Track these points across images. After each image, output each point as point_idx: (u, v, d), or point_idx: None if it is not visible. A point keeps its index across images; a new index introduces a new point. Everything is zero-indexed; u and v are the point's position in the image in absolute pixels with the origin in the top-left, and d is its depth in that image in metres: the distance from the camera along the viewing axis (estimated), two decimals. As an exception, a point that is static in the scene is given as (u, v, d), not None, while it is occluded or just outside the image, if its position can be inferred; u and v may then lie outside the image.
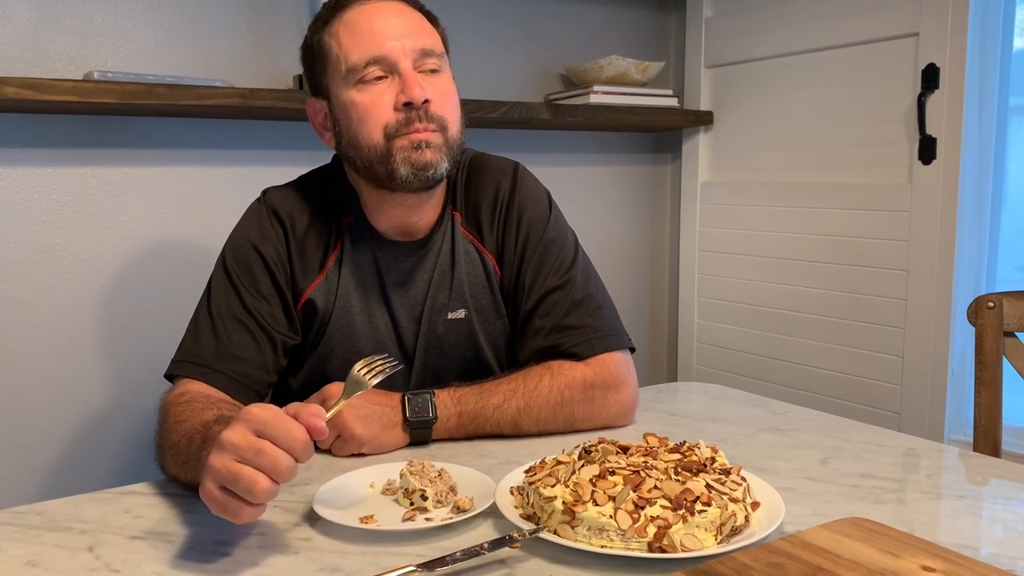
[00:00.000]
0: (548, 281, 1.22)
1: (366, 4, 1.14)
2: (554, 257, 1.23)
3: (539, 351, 1.21)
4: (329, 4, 1.18)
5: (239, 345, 1.13)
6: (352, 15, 1.14)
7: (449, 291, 1.23)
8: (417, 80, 1.11)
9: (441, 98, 1.14)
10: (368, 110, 1.12)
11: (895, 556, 0.70)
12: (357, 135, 1.13)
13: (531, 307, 1.22)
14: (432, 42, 1.15)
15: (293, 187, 1.25)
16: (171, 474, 0.98)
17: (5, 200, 1.76)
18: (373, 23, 1.12)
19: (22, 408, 1.81)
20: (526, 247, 1.24)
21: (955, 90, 1.89)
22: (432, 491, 0.88)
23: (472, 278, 1.24)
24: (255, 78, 1.98)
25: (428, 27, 1.17)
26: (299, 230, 1.20)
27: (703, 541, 0.77)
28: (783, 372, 2.34)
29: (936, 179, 1.94)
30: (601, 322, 1.22)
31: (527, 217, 1.25)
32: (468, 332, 1.24)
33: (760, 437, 1.16)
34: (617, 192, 2.62)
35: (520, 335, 1.24)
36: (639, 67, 2.30)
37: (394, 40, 1.11)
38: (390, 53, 1.11)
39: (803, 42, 2.22)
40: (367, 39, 1.12)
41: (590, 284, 1.25)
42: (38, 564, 0.79)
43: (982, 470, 1.06)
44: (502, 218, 1.25)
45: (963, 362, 1.98)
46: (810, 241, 2.24)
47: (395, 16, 1.14)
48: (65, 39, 1.78)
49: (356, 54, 1.11)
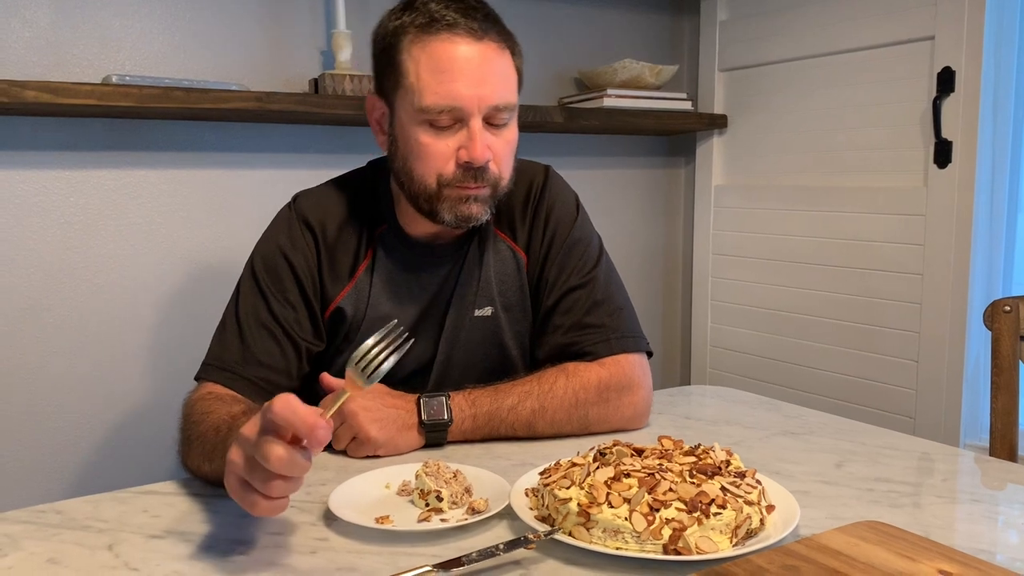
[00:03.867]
0: (571, 279, 1.24)
1: (455, 39, 1.08)
2: (578, 256, 1.25)
3: (557, 348, 1.22)
4: (417, 15, 1.10)
5: (264, 352, 1.14)
6: (438, 47, 1.08)
7: (476, 288, 1.23)
8: (483, 141, 1.09)
9: (501, 155, 1.13)
10: (429, 154, 1.11)
11: (911, 560, 0.70)
12: (412, 168, 1.13)
13: (552, 304, 1.23)
14: (508, 94, 1.12)
15: (325, 193, 1.25)
16: (195, 466, 0.99)
17: (24, 202, 1.78)
18: (456, 67, 1.07)
19: (39, 409, 1.83)
20: (552, 244, 1.25)
21: (971, 93, 1.88)
22: (447, 492, 0.89)
23: (502, 276, 1.25)
24: (271, 81, 1.99)
25: (509, 76, 1.13)
26: (330, 238, 1.20)
27: (718, 543, 0.77)
28: (797, 376, 2.33)
29: (952, 183, 1.93)
30: (620, 323, 1.23)
31: (555, 215, 1.26)
32: (494, 330, 1.25)
33: (774, 440, 1.16)
34: (631, 196, 2.62)
35: (540, 331, 1.25)
36: (653, 70, 2.30)
37: (472, 90, 1.07)
38: (465, 106, 1.08)
39: (818, 46, 2.22)
40: (447, 84, 1.07)
41: (612, 286, 1.26)
42: (58, 562, 0.80)
43: (998, 475, 1.05)
44: (531, 214, 1.26)
45: (979, 366, 1.97)
46: (824, 245, 2.23)
47: (480, 64, 1.08)
48: (84, 43, 1.80)
49: (432, 97, 1.08)
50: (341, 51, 1.96)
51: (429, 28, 1.08)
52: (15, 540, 0.85)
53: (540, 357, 1.24)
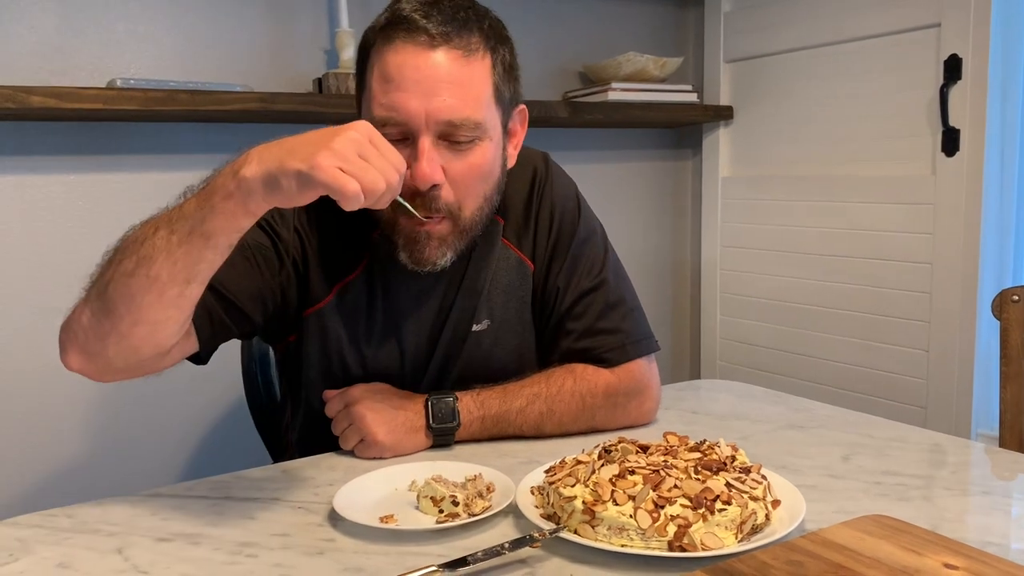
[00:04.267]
0: (582, 283, 1.19)
1: (407, 46, 0.99)
2: (586, 257, 1.21)
3: (571, 353, 1.18)
4: (385, 16, 1.04)
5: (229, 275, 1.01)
6: (390, 56, 1.00)
7: (477, 302, 1.17)
8: (430, 161, 0.99)
9: (461, 181, 1.03)
10: None
11: (917, 554, 0.70)
12: None
13: (565, 309, 1.19)
14: (469, 109, 1.00)
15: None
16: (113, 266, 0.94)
17: (31, 207, 1.79)
18: (403, 74, 0.99)
19: (49, 413, 1.84)
20: (557, 246, 1.20)
21: (978, 81, 1.87)
22: (462, 495, 0.88)
23: (505, 287, 1.19)
24: (275, 82, 2.00)
25: (473, 88, 1.01)
26: (322, 239, 1.13)
27: (723, 540, 0.77)
28: (807, 368, 2.32)
29: (960, 171, 1.92)
30: (633, 326, 1.20)
31: (558, 215, 1.21)
32: (490, 345, 1.19)
33: (782, 434, 1.16)
34: (637, 189, 2.62)
35: (552, 336, 1.21)
36: (658, 63, 2.29)
37: (418, 102, 0.98)
38: (409, 120, 0.99)
39: (823, 35, 2.20)
40: (391, 94, 0.99)
41: (622, 285, 1.23)
42: (68, 566, 0.81)
43: (1009, 466, 1.05)
44: (534, 217, 1.20)
45: (990, 355, 1.96)
46: (833, 235, 2.22)
47: (432, 72, 0.99)
48: (88, 48, 1.81)
49: (378, 108, 1.00)
50: (345, 50, 1.96)
51: (387, 31, 1.01)
52: (26, 544, 0.85)
53: (554, 362, 1.20)
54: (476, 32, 1.02)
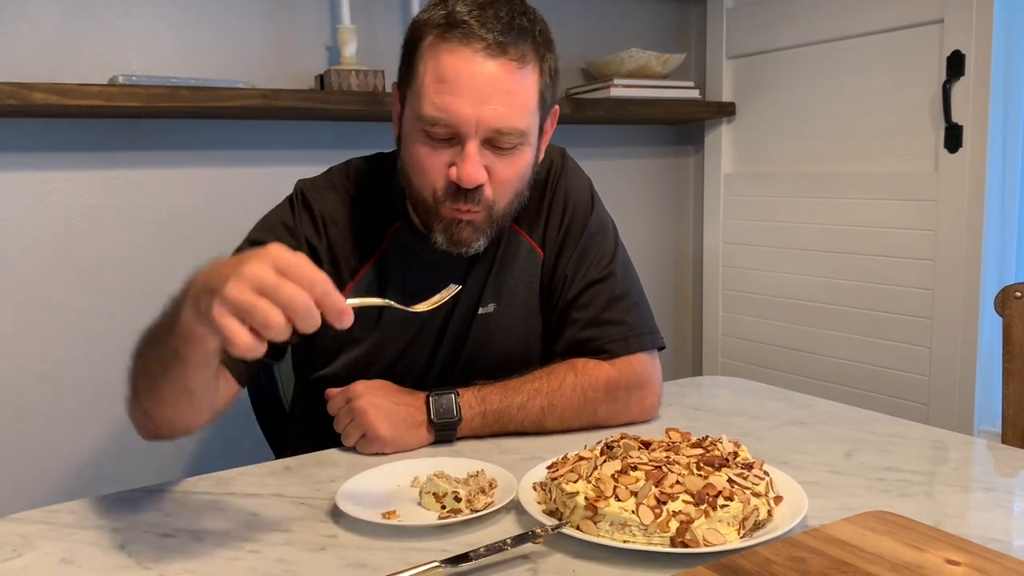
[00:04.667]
0: (590, 272, 1.21)
1: (465, 51, 1.02)
2: (596, 249, 1.23)
3: (575, 343, 1.20)
4: (441, 15, 1.05)
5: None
6: (446, 57, 1.03)
7: (484, 285, 1.20)
8: (475, 163, 1.04)
9: (502, 182, 1.08)
10: (423, 167, 1.07)
11: (919, 550, 0.70)
12: (410, 175, 1.10)
13: (571, 298, 1.21)
14: (517, 119, 1.04)
15: (332, 185, 1.21)
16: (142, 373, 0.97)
17: (33, 203, 1.79)
18: (460, 81, 1.02)
19: (51, 409, 1.84)
20: (567, 236, 1.23)
21: (981, 77, 1.87)
22: (464, 491, 0.88)
23: (514, 272, 1.22)
24: (277, 78, 2.00)
25: (523, 98, 1.05)
26: (336, 234, 1.17)
27: (725, 536, 0.77)
28: (810, 364, 2.32)
29: (963, 167, 1.92)
30: (638, 320, 1.21)
31: (571, 207, 1.23)
32: (494, 328, 1.21)
33: (784, 431, 1.16)
34: (639, 185, 2.62)
35: (557, 325, 1.23)
36: (660, 59, 2.28)
37: (472, 109, 1.02)
38: (460, 125, 1.03)
39: (826, 31, 2.20)
40: (446, 97, 1.02)
41: (629, 279, 1.25)
42: (72, 561, 0.81)
43: (1011, 462, 1.05)
44: (547, 206, 1.23)
45: (992, 352, 1.96)
46: (835, 232, 2.22)
47: (487, 83, 1.02)
48: (90, 45, 1.81)
49: (429, 107, 1.03)
50: (346, 46, 1.95)
51: (445, 32, 1.03)
52: (29, 540, 0.85)
53: (557, 351, 1.22)
54: (530, 42, 1.06)
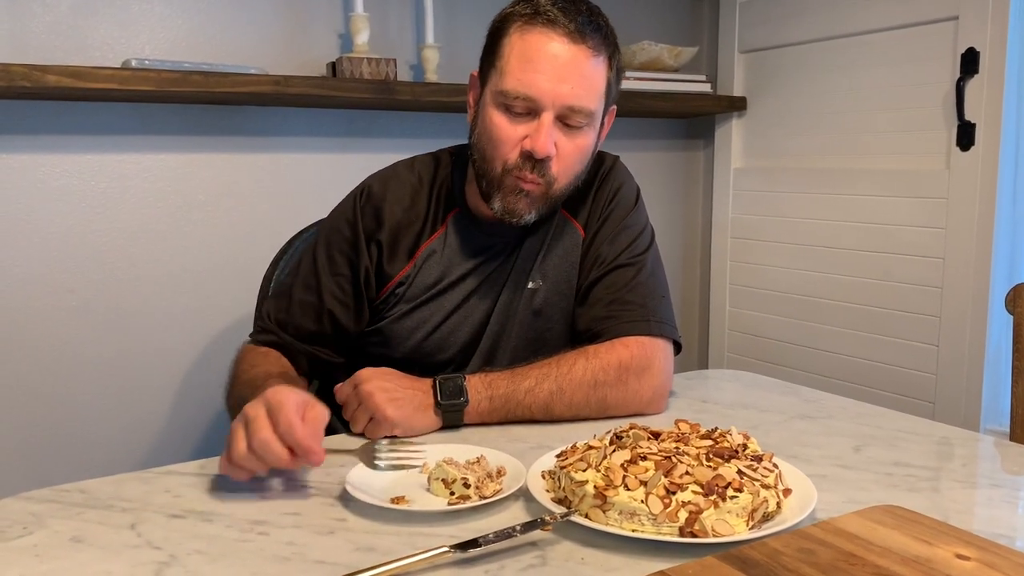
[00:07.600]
0: (620, 257, 1.28)
1: (551, 34, 1.13)
2: (630, 238, 1.29)
3: (596, 319, 1.24)
4: (528, 8, 1.15)
5: (302, 326, 1.26)
6: (533, 38, 1.13)
7: (534, 262, 1.27)
8: (549, 135, 1.13)
9: (566, 158, 1.17)
10: (499, 138, 1.16)
11: (928, 544, 0.70)
12: (484, 147, 1.19)
13: (598, 276, 1.27)
14: (588, 99, 1.15)
15: (395, 175, 1.30)
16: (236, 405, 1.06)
17: (46, 186, 1.80)
18: (542, 58, 1.12)
19: (63, 390, 1.85)
20: (607, 221, 1.30)
21: (995, 75, 1.86)
22: (473, 478, 0.88)
23: (559, 251, 1.29)
24: (289, 65, 2.00)
25: (595, 82, 1.16)
26: (396, 220, 1.26)
27: (734, 527, 0.77)
28: (816, 360, 2.32)
29: (975, 166, 1.91)
30: (659, 307, 1.25)
31: (617, 197, 1.32)
32: (540, 303, 1.28)
33: (792, 424, 1.16)
34: (649, 178, 2.61)
35: (581, 301, 1.28)
36: (672, 52, 2.28)
37: (551, 85, 1.12)
38: (540, 99, 1.12)
39: (839, 26, 2.19)
40: (529, 73, 1.12)
41: (658, 275, 1.30)
42: (82, 540, 0.81)
43: (1018, 460, 1.04)
44: (595, 193, 1.31)
45: (1000, 351, 1.95)
46: (845, 228, 2.22)
47: (566, 63, 1.13)
48: (103, 28, 1.81)
49: (512, 82, 1.13)
50: (359, 34, 1.95)
51: (532, 19, 1.14)
52: (40, 518, 0.86)
53: (579, 328, 1.27)
54: (603, 37, 1.17)
